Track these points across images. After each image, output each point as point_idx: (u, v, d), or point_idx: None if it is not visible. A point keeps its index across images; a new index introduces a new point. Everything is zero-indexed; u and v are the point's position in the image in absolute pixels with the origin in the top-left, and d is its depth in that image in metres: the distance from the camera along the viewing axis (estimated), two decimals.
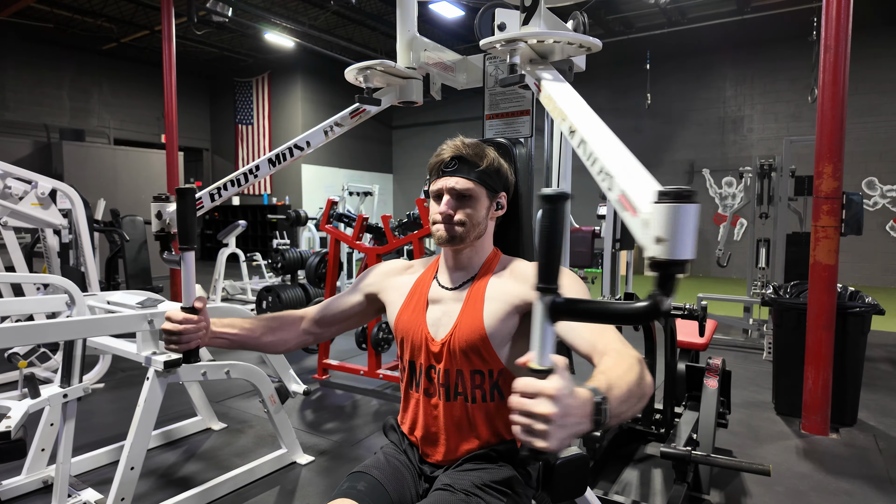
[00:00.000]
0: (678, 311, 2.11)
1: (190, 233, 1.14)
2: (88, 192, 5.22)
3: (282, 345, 1.31)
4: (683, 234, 0.68)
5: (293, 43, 10.50)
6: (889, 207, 9.02)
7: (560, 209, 0.66)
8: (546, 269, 0.68)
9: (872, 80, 8.90)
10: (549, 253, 0.67)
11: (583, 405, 0.70)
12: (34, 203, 3.62)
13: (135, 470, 2.00)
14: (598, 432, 2.21)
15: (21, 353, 3.11)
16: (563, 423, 0.67)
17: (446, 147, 1.20)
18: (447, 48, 1.60)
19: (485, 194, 1.20)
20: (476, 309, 1.15)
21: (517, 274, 1.17)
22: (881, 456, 2.71)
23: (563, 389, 0.67)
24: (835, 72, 2.84)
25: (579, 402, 0.70)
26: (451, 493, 1.08)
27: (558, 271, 0.69)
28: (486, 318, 1.13)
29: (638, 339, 2.46)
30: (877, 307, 3.08)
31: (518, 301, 1.13)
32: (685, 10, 9.27)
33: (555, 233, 0.67)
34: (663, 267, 0.69)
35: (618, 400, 0.77)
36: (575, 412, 0.69)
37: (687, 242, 0.68)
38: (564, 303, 0.69)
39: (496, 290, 1.16)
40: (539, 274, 0.69)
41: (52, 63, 10.80)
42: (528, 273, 1.16)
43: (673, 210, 0.68)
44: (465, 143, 1.20)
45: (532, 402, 0.68)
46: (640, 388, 0.82)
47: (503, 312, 1.13)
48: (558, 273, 0.69)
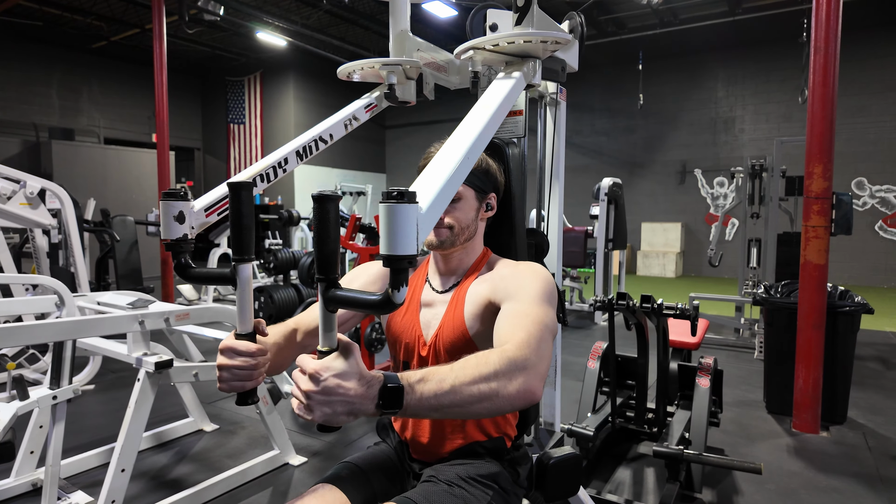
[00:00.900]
0: (670, 310, 2.12)
1: (247, 240, 0.89)
2: (78, 192, 5.17)
3: (287, 364, 1.19)
4: (401, 232, 0.73)
5: (285, 42, 10.46)
6: (878, 207, 9.12)
7: (329, 209, 0.74)
8: (321, 262, 0.76)
9: (861, 81, 8.99)
10: (324, 248, 0.75)
11: (360, 387, 0.74)
12: (23, 203, 3.58)
13: (126, 472, 1.98)
14: (594, 433, 2.21)
15: (9, 355, 3.07)
16: (326, 399, 0.72)
17: (434, 148, 1.20)
18: (440, 48, 1.60)
19: (473, 196, 1.20)
20: (458, 310, 1.16)
21: (493, 274, 1.18)
22: (870, 454, 2.73)
23: (323, 370, 0.73)
24: (825, 73, 2.86)
25: (355, 384, 0.74)
26: (434, 484, 1.08)
27: (335, 264, 0.76)
28: (468, 318, 1.14)
29: (630, 338, 2.47)
30: (866, 306, 3.11)
31: (486, 300, 1.13)
32: (677, 11, 9.31)
33: (326, 231, 0.74)
34: (387, 261, 0.74)
35: (431, 393, 0.78)
36: (343, 392, 0.73)
37: (404, 239, 0.73)
38: (333, 292, 0.75)
39: (477, 290, 1.17)
40: (317, 266, 0.76)
41: (41, 61, 10.70)
42: (498, 273, 1.16)
43: (389, 209, 0.73)
44: None
45: (298, 376, 0.75)
46: (479, 388, 0.81)
47: (479, 312, 1.14)
48: (335, 265, 0.76)
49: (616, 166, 11.21)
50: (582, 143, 11.66)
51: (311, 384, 0.73)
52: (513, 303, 1.04)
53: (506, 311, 1.03)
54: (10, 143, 9.26)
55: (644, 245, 10.86)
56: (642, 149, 11.12)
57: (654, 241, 10.77)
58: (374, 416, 0.77)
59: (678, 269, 10.48)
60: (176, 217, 1.02)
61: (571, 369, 4.02)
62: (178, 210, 1.02)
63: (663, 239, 10.68)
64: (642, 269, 10.71)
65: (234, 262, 0.90)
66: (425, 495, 1.04)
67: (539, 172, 2.00)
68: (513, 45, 1.20)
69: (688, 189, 10.74)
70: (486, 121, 1.05)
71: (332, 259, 0.76)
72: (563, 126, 1.99)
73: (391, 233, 0.73)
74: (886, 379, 3.96)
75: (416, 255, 0.75)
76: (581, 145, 11.65)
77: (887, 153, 9.01)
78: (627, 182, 10.35)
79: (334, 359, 0.75)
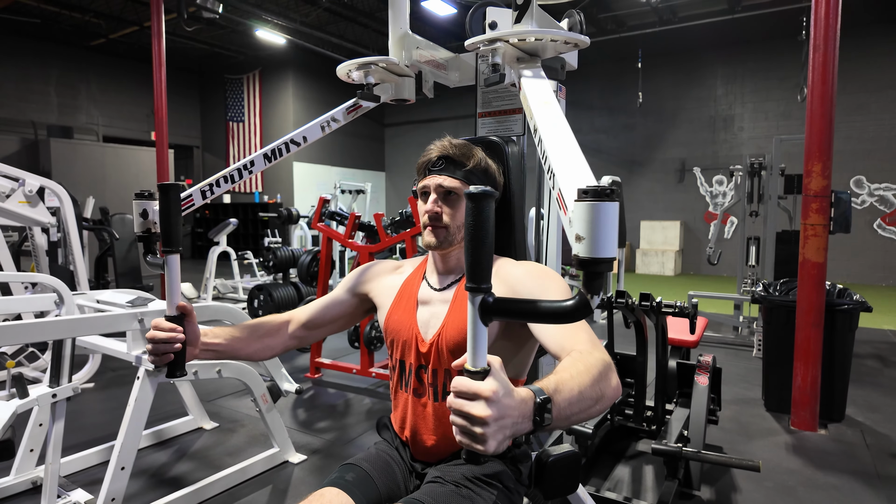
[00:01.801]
0: (669, 308, 2.13)
1: (174, 234, 1.01)
2: (77, 190, 5.17)
3: (268, 351, 1.27)
4: (603, 232, 0.68)
5: (284, 40, 10.44)
6: (877, 206, 9.13)
7: (487, 207, 0.65)
8: (475, 269, 0.67)
9: (861, 79, 8.99)
10: (478, 253, 0.66)
11: (520, 405, 0.70)
12: (22, 201, 3.57)
13: (125, 470, 1.98)
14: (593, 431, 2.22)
15: (9, 353, 3.07)
16: (501, 424, 0.67)
17: (434, 147, 1.21)
18: (440, 46, 1.60)
19: None
20: (462, 309, 1.16)
21: (500, 274, 1.17)
22: (868, 451, 2.74)
23: (498, 390, 0.67)
24: (824, 71, 2.86)
25: (517, 402, 0.70)
26: (441, 485, 1.08)
27: (489, 270, 0.68)
28: None
29: (629, 336, 2.48)
30: (864, 304, 3.11)
31: None
32: (676, 9, 9.31)
33: (483, 231, 0.66)
34: (586, 265, 0.69)
35: (566, 401, 0.76)
36: (511, 413, 0.68)
37: (607, 240, 0.69)
38: (495, 302, 0.68)
39: None
40: (468, 274, 0.68)
41: (39, 59, 10.67)
42: (510, 273, 1.16)
43: (591, 208, 0.69)
44: (452, 143, 1.21)
45: (469, 404, 0.67)
46: (595, 391, 0.81)
47: None
48: (489, 272, 0.68)
49: (615, 164, 11.20)
50: (581, 141, 11.33)
51: (488, 409, 0.66)
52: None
53: None
54: (8, 141, 9.24)
55: (643, 243, 10.87)
56: (641, 147, 11.11)
57: (653, 239, 10.78)
58: (529, 433, 0.73)
59: (677, 268, 10.49)
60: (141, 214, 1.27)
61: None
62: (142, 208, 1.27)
63: (662, 237, 10.69)
64: (641, 268, 10.72)
65: (165, 252, 1.03)
66: (433, 497, 1.04)
67: (538, 170, 2.00)
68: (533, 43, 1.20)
69: (687, 187, 10.74)
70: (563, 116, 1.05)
71: (489, 265, 0.68)
72: None
73: (597, 234, 0.68)
74: (884, 377, 3.97)
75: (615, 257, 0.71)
76: (580, 143, 11.31)
77: (886, 151, 9.02)
78: (626, 180, 10.37)
79: (495, 378, 0.68)
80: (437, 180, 1.18)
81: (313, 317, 1.32)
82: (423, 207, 1.20)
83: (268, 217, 8.26)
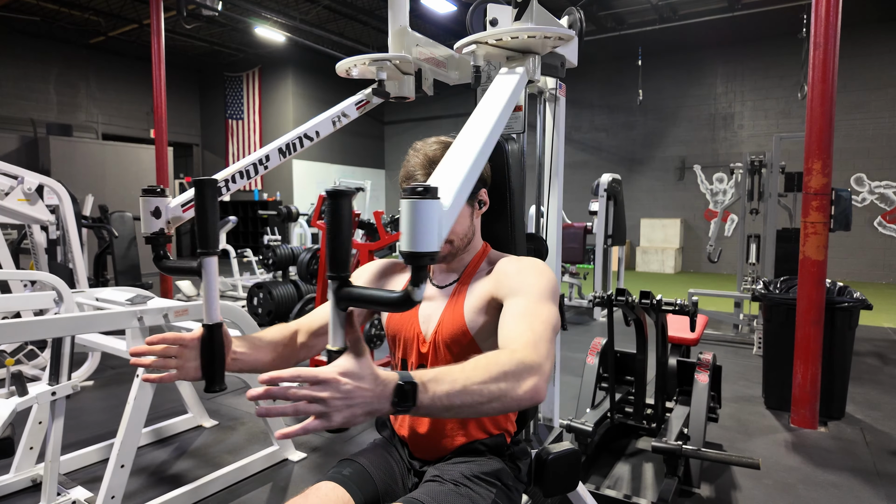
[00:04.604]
0: (669, 306, 2.12)
1: (212, 234, 0.92)
2: (76, 188, 5.16)
3: (287, 365, 1.20)
4: (421, 228, 0.73)
5: (284, 37, 10.42)
6: (877, 203, 9.12)
7: (342, 205, 0.73)
8: (333, 260, 0.75)
9: (861, 77, 8.98)
10: (336, 245, 0.74)
11: (375, 387, 0.74)
12: (21, 199, 3.57)
13: (125, 468, 1.98)
14: (593, 429, 2.22)
15: (8, 351, 3.07)
16: (347, 403, 0.72)
17: (410, 161, 1.18)
18: (440, 43, 1.59)
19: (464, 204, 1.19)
20: (458, 304, 1.16)
21: (496, 269, 1.17)
22: (868, 449, 2.74)
23: (347, 374, 0.72)
24: (824, 69, 2.86)
25: (371, 383, 0.74)
26: (440, 484, 1.08)
27: (346, 261, 0.75)
28: (468, 313, 1.14)
29: (629, 334, 2.48)
30: (864, 302, 3.11)
31: (489, 295, 1.13)
32: (676, 7, 9.29)
33: (340, 227, 0.74)
34: (407, 258, 0.74)
35: (444, 392, 0.78)
36: (362, 393, 0.73)
37: (425, 235, 0.73)
38: (346, 290, 0.75)
39: (478, 285, 1.17)
40: (328, 264, 0.76)
41: (38, 57, 10.65)
42: (501, 268, 1.16)
43: (411, 205, 0.73)
44: (428, 159, 1.16)
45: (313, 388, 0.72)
46: (491, 388, 0.81)
47: (481, 307, 1.13)
48: (347, 262, 0.75)
49: (615, 162, 11.20)
50: (581, 138, 11.65)
51: (330, 391, 0.72)
52: (518, 300, 1.04)
53: (511, 308, 1.03)
54: (7, 139, 9.23)
55: (643, 241, 10.87)
56: (641, 145, 11.10)
57: (653, 237, 10.77)
58: (389, 414, 0.77)
59: (677, 265, 10.49)
60: (153, 212, 1.09)
61: (570, 365, 4.02)
62: (154, 206, 1.09)
63: (662, 235, 10.68)
64: (641, 265, 10.72)
65: (200, 254, 0.92)
66: (433, 495, 1.04)
67: (538, 168, 2.00)
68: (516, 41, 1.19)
69: (687, 185, 10.73)
70: (498, 115, 1.04)
71: (346, 256, 0.75)
72: (563, 122, 1.99)
73: (414, 229, 0.73)
74: (884, 374, 3.97)
75: (437, 251, 0.75)
76: (580, 141, 11.64)
77: (886, 149, 9.01)
78: (626, 178, 10.35)
79: (348, 361, 0.74)
80: None
81: (322, 323, 1.25)
82: None
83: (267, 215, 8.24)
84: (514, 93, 1.13)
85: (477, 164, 0.93)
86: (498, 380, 0.82)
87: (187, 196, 1.14)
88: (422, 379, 0.78)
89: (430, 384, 0.78)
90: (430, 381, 0.78)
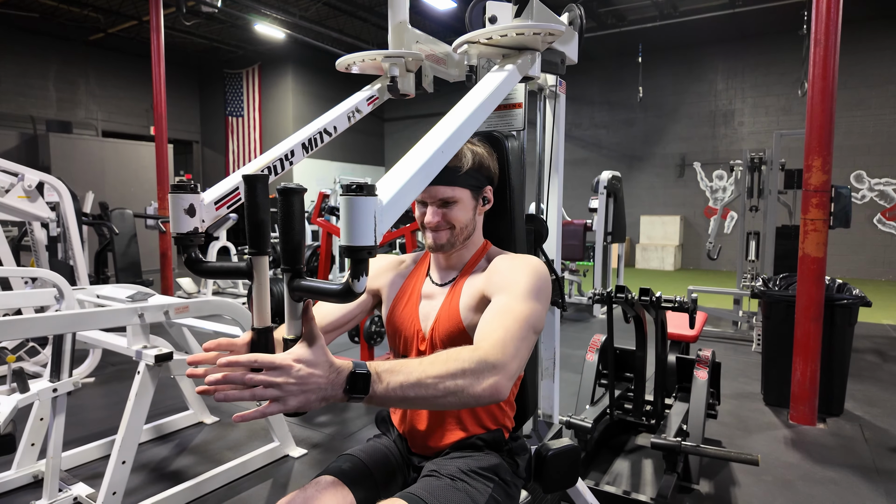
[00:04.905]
0: (669, 303, 2.13)
1: (265, 233, 0.84)
2: (76, 185, 5.16)
3: None
4: (357, 223, 0.76)
5: (284, 34, 10.40)
6: (877, 200, 9.12)
7: (293, 202, 0.76)
8: (286, 253, 0.78)
9: (861, 74, 8.97)
10: (288, 238, 0.77)
11: (329, 374, 0.77)
12: (21, 196, 3.57)
13: (126, 464, 1.99)
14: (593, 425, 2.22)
15: (9, 348, 3.08)
16: (301, 388, 0.74)
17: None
18: (439, 40, 1.59)
19: (469, 195, 1.19)
20: (454, 302, 1.17)
21: (490, 266, 1.17)
22: (867, 445, 2.75)
23: (301, 360, 0.75)
24: (824, 66, 2.86)
25: (325, 371, 0.77)
26: (437, 479, 1.09)
27: (300, 253, 0.79)
28: (463, 310, 1.15)
29: (629, 331, 2.48)
30: (864, 299, 3.12)
31: (480, 292, 1.13)
32: (677, 4, 9.27)
33: (292, 222, 0.77)
34: (345, 251, 0.77)
35: (398, 384, 0.80)
36: (315, 380, 0.76)
37: (362, 230, 0.76)
38: (297, 283, 0.79)
39: (473, 282, 1.17)
40: (282, 257, 0.78)
41: (37, 53, 10.63)
42: (494, 265, 1.16)
43: (348, 202, 0.76)
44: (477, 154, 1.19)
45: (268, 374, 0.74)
46: (447, 384, 0.83)
47: (474, 304, 1.14)
48: (300, 254, 0.79)
49: (615, 159, 11.19)
50: (581, 135, 11.63)
51: (285, 377, 0.74)
52: (500, 297, 1.05)
53: (493, 305, 1.04)
54: (7, 136, 9.22)
55: (643, 238, 10.87)
56: (641, 142, 11.09)
57: (652, 234, 10.77)
58: (343, 401, 0.80)
59: (677, 263, 10.50)
60: (186, 210, 1.01)
61: (570, 362, 4.03)
62: (188, 203, 1.01)
63: (662, 232, 10.68)
64: (641, 262, 10.72)
65: (251, 255, 0.87)
66: (429, 490, 1.04)
67: (538, 165, 2.00)
68: (507, 38, 1.19)
69: (687, 182, 10.73)
70: (469, 114, 1.05)
71: (298, 251, 0.79)
72: (563, 119, 1.99)
73: (350, 224, 0.76)
74: (883, 371, 3.98)
75: (374, 245, 0.77)
76: (580, 138, 11.63)
77: (886, 146, 9.01)
78: (626, 175, 10.35)
79: (302, 349, 0.77)
80: (433, 193, 1.16)
81: (333, 320, 1.26)
82: (422, 217, 1.19)
83: None
84: (496, 90, 1.13)
85: (433, 161, 0.95)
86: (455, 376, 0.84)
87: (220, 191, 1.08)
88: (376, 370, 0.80)
89: (385, 375, 0.80)
90: (384, 372, 0.80)
